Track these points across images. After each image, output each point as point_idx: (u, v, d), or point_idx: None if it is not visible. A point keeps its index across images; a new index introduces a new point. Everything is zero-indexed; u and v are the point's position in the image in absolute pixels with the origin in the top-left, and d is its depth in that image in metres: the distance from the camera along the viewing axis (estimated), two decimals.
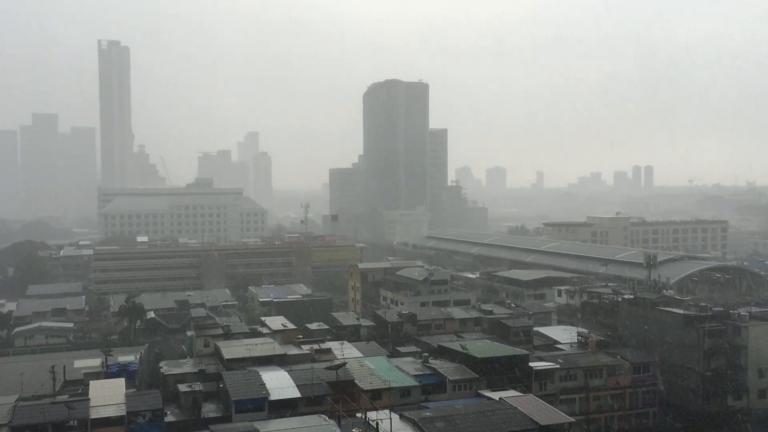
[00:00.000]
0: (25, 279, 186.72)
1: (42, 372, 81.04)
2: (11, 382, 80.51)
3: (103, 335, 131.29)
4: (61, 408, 65.44)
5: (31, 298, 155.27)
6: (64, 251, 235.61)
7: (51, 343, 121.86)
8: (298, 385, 72.95)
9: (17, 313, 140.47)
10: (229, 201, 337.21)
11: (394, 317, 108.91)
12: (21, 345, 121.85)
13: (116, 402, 68.55)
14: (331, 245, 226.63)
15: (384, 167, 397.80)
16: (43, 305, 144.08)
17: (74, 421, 64.73)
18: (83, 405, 66.84)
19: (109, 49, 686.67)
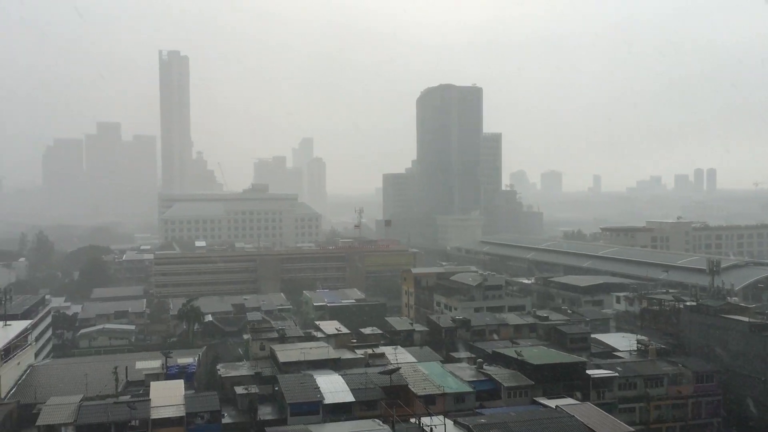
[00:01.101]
0: (89, 282, 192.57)
1: (105, 373, 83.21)
2: (76, 382, 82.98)
3: (163, 337, 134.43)
4: (123, 408, 67.22)
5: (95, 301, 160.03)
6: (126, 256, 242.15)
7: (114, 345, 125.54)
8: (352, 389, 73.17)
9: (82, 315, 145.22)
10: (284, 206, 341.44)
11: (448, 322, 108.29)
12: (85, 346, 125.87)
13: (176, 403, 70.07)
14: (385, 250, 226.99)
15: (437, 172, 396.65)
16: (106, 308, 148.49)
17: (136, 421, 66.42)
18: (144, 405, 68.55)
19: (169, 59, 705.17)
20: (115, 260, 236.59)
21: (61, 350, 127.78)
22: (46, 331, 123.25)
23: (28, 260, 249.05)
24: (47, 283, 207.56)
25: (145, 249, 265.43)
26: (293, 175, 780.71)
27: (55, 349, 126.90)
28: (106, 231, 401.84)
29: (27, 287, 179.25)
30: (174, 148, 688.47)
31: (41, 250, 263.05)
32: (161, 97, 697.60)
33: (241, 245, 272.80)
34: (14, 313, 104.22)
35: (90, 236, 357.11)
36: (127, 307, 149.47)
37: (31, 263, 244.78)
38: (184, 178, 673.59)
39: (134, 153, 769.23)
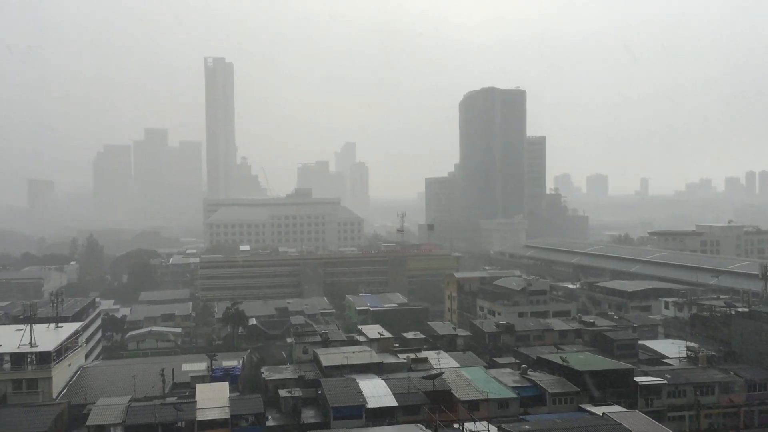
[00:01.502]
0: (137, 285, 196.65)
1: (152, 374, 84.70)
2: (125, 383, 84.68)
3: (208, 340, 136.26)
4: (170, 409, 68.28)
5: (143, 304, 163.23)
6: (172, 259, 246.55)
7: (161, 347, 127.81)
8: (395, 394, 72.98)
9: (130, 318, 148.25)
10: (327, 210, 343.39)
11: (492, 327, 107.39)
12: (133, 348, 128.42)
13: (221, 405, 70.86)
14: (428, 254, 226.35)
15: (481, 176, 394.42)
16: (153, 311, 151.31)
17: (182, 422, 67.39)
18: (190, 407, 69.49)
19: (214, 65, 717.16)
20: (162, 264, 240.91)
21: (110, 352, 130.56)
22: (96, 333, 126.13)
23: (79, 264, 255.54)
24: (97, 286, 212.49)
25: (190, 253, 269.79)
26: (336, 179, 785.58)
27: (105, 351, 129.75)
28: (153, 235, 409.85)
29: (78, 290, 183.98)
30: (219, 153, 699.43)
31: (91, 254, 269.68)
32: (207, 104, 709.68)
33: (285, 249, 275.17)
34: (66, 316, 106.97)
35: (138, 240, 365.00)
36: (173, 310, 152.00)
37: (81, 267, 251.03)
38: (229, 183, 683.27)
39: (180, 158, 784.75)
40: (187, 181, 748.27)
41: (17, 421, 68.15)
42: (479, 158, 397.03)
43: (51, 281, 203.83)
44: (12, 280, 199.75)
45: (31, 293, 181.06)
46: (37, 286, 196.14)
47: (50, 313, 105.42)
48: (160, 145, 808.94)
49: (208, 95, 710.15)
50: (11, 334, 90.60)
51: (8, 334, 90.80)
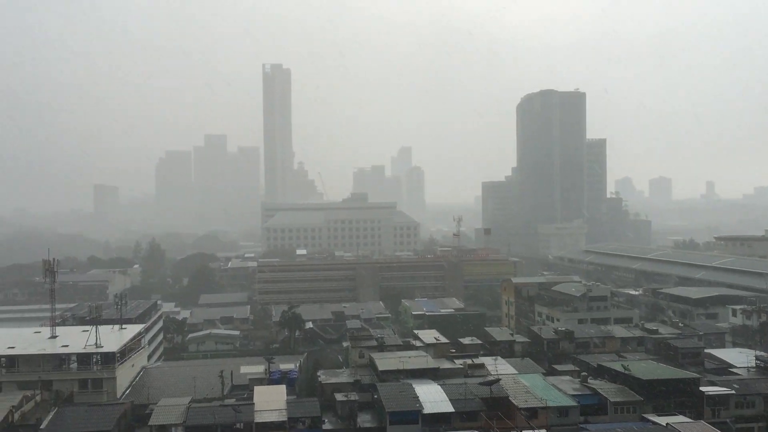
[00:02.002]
0: (197, 288, 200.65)
1: (212, 376, 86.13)
2: (185, 384, 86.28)
3: (266, 343, 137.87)
4: (229, 411, 69.23)
5: (203, 307, 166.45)
6: (231, 263, 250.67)
7: (220, 349, 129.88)
8: (452, 400, 72.30)
9: (191, 320, 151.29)
10: (383, 215, 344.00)
11: (550, 334, 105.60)
12: (194, 350, 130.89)
13: (278, 408, 71.43)
14: (484, 259, 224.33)
15: (539, 180, 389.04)
16: (213, 313, 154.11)
17: (241, 423, 68.27)
18: (249, 409, 70.32)
19: (272, 72, 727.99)
20: (221, 267, 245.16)
21: (171, 353, 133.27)
22: (158, 334, 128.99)
23: (142, 267, 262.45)
24: (159, 288, 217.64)
25: (248, 257, 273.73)
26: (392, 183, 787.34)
27: (166, 353, 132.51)
28: (212, 239, 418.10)
29: (141, 293, 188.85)
30: (276, 158, 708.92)
31: (153, 258, 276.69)
32: (264, 109, 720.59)
33: (341, 254, 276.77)
34: (129, 317, 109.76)
35: (198, 244, 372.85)
36: (232, 313, 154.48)
37: (144, 270, 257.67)
38: (286, 188, 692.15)
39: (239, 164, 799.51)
40: (246, 186, 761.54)
41: (83, 420, 70.11)
42: (537, 162, 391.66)
43: (115, 284, 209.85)
44: (79, 282, 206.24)
45: (97, 295, 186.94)
46: (102, 289, 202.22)
47: (114, 315, 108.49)
48: (219, 150, 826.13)
49: (265, 101, 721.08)
50: (78, 334, 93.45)
51: (75, 335, 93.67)
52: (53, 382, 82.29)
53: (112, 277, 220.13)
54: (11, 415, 71.22)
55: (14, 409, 72.16)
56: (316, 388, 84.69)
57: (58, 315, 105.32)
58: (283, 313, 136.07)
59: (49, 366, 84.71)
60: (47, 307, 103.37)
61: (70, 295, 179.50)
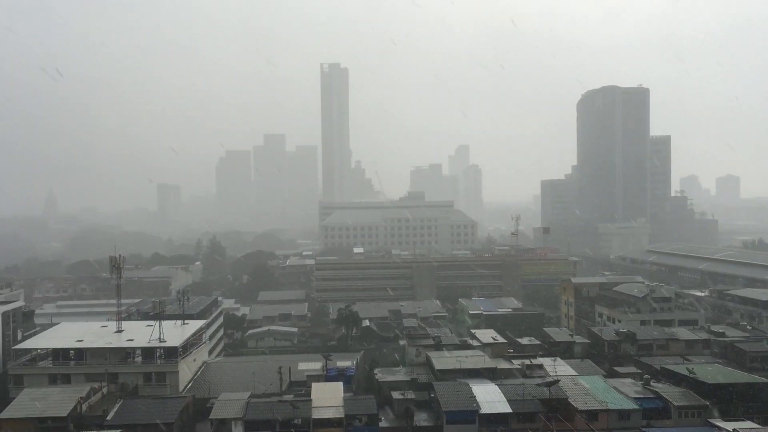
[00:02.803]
0: (256, 286, 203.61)
1: (270, 372, 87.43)
2: (244, 379, 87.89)
3: (323, 340, 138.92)
4: (287, 407, 70.18)
5: (262, 304, 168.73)
6: (289, 261, 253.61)
7: (278, 346, 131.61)
8: (509, 400, 71.60)
9: (250, 316, 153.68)
10: (440, 213, 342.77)
11: (611, 335, 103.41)
12: (253, 346, 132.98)
13: (335, 404, 72.06)
14: (543, 258, 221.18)
15: (600, 178, 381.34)
16: (271, 310, 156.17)
17: (299, 419, 69.12)
18: (306, 405, 71.14)
19: (330, 71, 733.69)
20: (280, 265, 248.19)
21: (231, 349, 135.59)
22: (219, 330, 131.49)
23: (203, 264, 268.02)
24: (219, 285, 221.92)
25: (306, 255, 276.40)
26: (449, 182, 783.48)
27: (226, 348, 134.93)
28: (271, 237, 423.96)
29: (202, 289, 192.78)
30: (334, 157, 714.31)
31: (214, 255, 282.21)
32: (322, 109, 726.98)
33: (398, 252, 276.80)
34: (191, 313, 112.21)
35: (257, 242, 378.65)
36: (290, 310, 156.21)
37: (205, 267, 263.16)
38: (344, 187, 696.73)
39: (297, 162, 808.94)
40: (304, 185, 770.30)
41: (148, 412, 72.17)
42: (599, 159, 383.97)
43: (178, 280, 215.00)
44: (143, 278, 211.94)
45: (160, 291, 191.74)
46: (165, 285, 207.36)
47: (177, 311, 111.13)
48: (278, 149, 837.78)
49: (323, 100, 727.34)
50: (142, 329, 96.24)
51: (139, 330, 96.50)
52: (119, 375, 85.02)
53: (174, 273, 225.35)
54: (80, 405, 73.83)
55: (82, 401, 74.76)
56: (373, 386, 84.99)
57: (123, 310, 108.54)
58: (340, 311, 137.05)
59: (115, 359, 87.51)
60: (113, 302, 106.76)
61: (135, 290, 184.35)
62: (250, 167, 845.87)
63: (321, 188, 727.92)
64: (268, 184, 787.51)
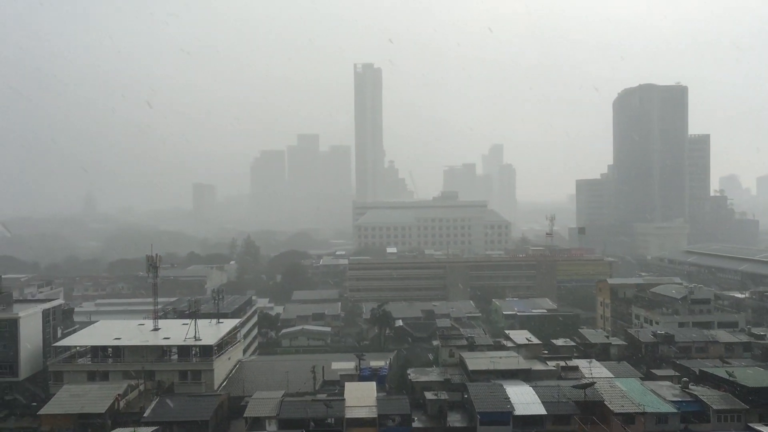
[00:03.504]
0: (290, 285, 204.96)
1: (304, 371, 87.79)
2: (278, 378, 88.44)
3: (356, 340, 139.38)
4: (320, 406, 70.43)
5: (295, 303, 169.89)
6: (323, 261, 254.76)
7: (311, 345, 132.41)
8: (544, 402, 70.86)
9: (284, 316, 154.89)
10: (474, 213, 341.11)
11: (648, 337, 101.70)
12: (287, 345, 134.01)
13: (368, 404, 72.08)
14: (578, 259, 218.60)
15: (636, 177, 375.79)
16: (305, 309, 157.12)
17: (332, 418, 69.29)
18: (340, 404, 71.28)
19: (363, 71, 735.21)
20: (313, 265, 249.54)
21: (265, 348, 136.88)
22: (253, 329, 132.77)
23: (238, 263, 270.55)
24: (253, 284, 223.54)
25: (340, 254, 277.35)
26: (483, 182, 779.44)
27: (260, 347, 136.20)
28: (305, 236, 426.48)
29: (236, 288, 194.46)
30: (367, 157, 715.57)
31: (249, 254, 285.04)
32: (356, 109, 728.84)
33: (431, 252, 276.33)
34: (225, 312, 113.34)
35: (291, 241, 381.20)
36: (323, 310, 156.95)
37: (240, 266, 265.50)
38: (377, 186, 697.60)
39: (330, 162, 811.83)
40: (337, 184, 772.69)
41: (183, 409, 73.09)
42: (635, 158, 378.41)
43: (213, 279, 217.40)
44: (179, 277, 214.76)
45: (195, 290, 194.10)
46: (200, 284, 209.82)
47: (212, 309, 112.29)
48: (311, 149, 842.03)
49: (357, 100, 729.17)
50: (178, 327, 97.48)
51: (175, 328, 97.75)
52: (155, 373, 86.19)
53: (209, 272, 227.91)
54: (117, 402, 75.08)
55: (120, 397, 76.01)
56: (406, 386, 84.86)
57: (159, 308, 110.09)
58: (373, 311, 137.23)
59: (152, 357, 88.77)
60: (150, 300, 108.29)
61: (171, 289, 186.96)
62: (284, 167, 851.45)
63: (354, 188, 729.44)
64: (302, 184, 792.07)
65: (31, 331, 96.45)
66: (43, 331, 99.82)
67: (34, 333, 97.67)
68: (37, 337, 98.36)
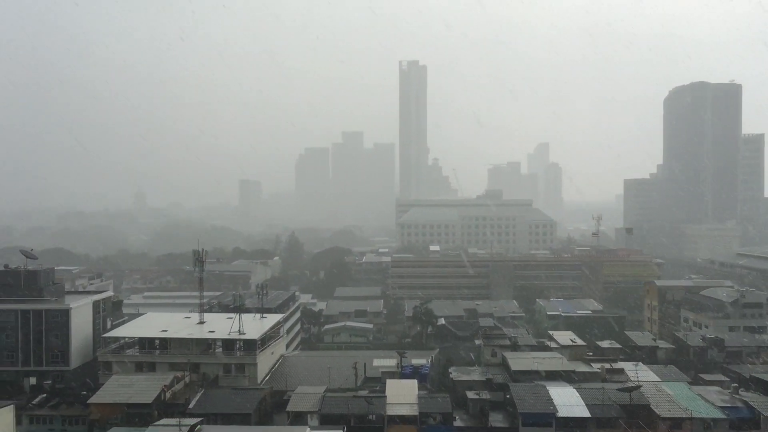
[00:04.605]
0: (333, 281, 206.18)
1: (345, 367, 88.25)
2: (320, 374, 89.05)
3: (398, 337, 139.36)
4: (361, 402, 70.69)
5: (338, 300, 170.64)
6: (366, 258, 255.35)
7: (353, 341, 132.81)
8: (588, 405, 69.85)
9: (326, 312, 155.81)
10: (518, 212, 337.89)
11: (697, 341, 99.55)
12: (329, 341, 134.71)
13: (410, 402, 72.08)
14: (625, 260, 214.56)
15: (687, 177, 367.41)
16: (347, 306, 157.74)
17: (373, 415, 69.48)
18: (381, 401, 71.44)
19: (408, 69, 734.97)
20: (356, 262, 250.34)
21: (307, 343, 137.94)
22: (296, 324, 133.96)
23: (282, 259, 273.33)
24: (297, 280, 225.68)
25: (382, 252, 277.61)
26: (528, 180, 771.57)
27: (303, 342, 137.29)
28: (348, 233, 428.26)
29: (280, 284, 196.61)
30: (411, 155, 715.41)
31: (292, 250, 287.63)
32: (400, 106, 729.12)
33: (474, 251, 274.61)
34: (269, 307, 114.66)
35: (334, 238, 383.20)
36: (366, 307, 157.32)
37: (283, 262, 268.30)
38: (420, 184, 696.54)
39: (374, 160, 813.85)
40: (381, 182, 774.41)
41: (227, 402, 74.26)
42: (686, 158, 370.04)
43: (257, 274, 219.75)
44: (224, 272, 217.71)
45: (240, 285, 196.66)
46: (245, 279, 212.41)
47: (256, 304, 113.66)
48: (355, 147, 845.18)
49: (401, 98, 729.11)
50: (223, 321, 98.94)
51: (220, 322, 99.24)
52: (201, 365, 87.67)
53: (254, 268, 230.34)
54: (163, 393, 76.59)
55: (166, 388, 77.54)
56: (448, 385, 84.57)
57: (205, 302, 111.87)
58: (415, 309, 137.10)
59: (197, 350, 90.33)
60: (196, 294, 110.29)
61: (216, 283, 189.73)
62: (329, 164, 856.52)
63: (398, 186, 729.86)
64: (346, 182, 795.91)
65: (82, 322, 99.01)
66: (93, 322, 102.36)
67: (85, 324, 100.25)
68: (88, 327, 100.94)
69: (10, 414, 69.24)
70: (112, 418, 73.21)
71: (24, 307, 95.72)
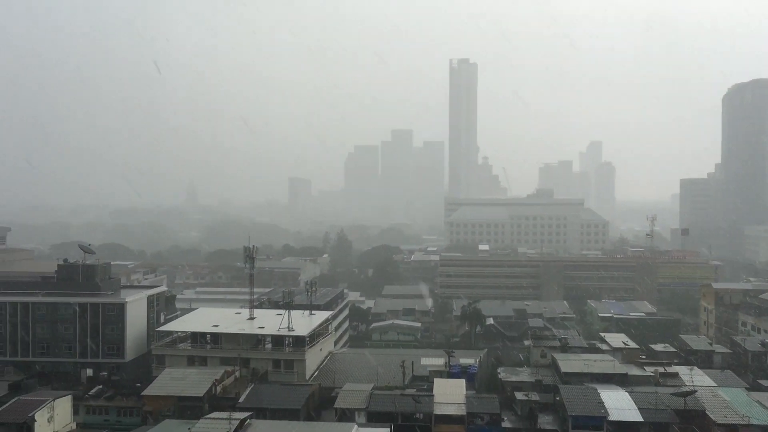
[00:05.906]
0: (381, 279, 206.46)
1: (393, 365, 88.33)
2: (368, 371, 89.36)
3: (446, 336, 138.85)
4: (409, 401, 70.66)
5: (386, 298, 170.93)
6: (414, 256, 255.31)
7: (401, 340, 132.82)
8: (640, 409, 68.40)
9: (374, 309, 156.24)
10: (570, 212, 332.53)
11: (756, 346, 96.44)
12: (377, 339, 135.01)
13: (457, 401, 71.71)
14: (681, 261, 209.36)
15: (747, 177, 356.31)
16: (395, 304, 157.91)
17: (420, 414, 69.41)
18: (428, 400, 71.29)
19: (458, 66, 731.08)
20: (404, 260, 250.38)
21: (355, 341, 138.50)
22: (344, 322, 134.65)
23: (330, 256, 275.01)
24: (345, 278, 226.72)
25: (431, 250, 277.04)
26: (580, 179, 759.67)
27: (351, 339, 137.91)
28: (396, 231, 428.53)
29: (329, 281, 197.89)
30: (461, 153, 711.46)
31: (341, 248, 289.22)
32: (450, 104, 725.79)
33: (524, 250, 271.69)
34: (318, 304, 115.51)
35: (382, 236, 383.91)
36: (414, 305, 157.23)
37: (332, 259, 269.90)
38: (470, 183, 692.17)
39: (423, 158, 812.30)
40: (430, 180, 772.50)
41: (276, 397, 75.12)
42: (746, 157, 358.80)
43: (306, 271, 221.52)
44: (274, 269, 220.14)
45: (289, 282, 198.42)
46: (294, 276, 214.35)
47: (305, 301, 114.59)
48: (405, 144, 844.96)
49: (451, 96, 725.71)
50: (272, 317, 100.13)
51: (270, 318, 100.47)
52: (250, 360, 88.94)
53: (303, 265, 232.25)
54: (214, 387, 77.94)
55: (217, 382, 78.89)
56: (496, 385, 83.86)
57: (255, 298, 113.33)
58: (463, 308, 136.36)
59: (247, 345, 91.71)
60: (246, 290, 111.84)
61: (266, 280, 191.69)
62: (378, 162, 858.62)
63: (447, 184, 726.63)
64: (395, 179, 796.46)
65: (136, 316, 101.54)
66: (147, 316, 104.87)
67: (140, 317, 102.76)
68: (142, 321, 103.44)
69: (68, 403, 71.55)
70: (164, 410, 74.83)
71: (82, 301, 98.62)
